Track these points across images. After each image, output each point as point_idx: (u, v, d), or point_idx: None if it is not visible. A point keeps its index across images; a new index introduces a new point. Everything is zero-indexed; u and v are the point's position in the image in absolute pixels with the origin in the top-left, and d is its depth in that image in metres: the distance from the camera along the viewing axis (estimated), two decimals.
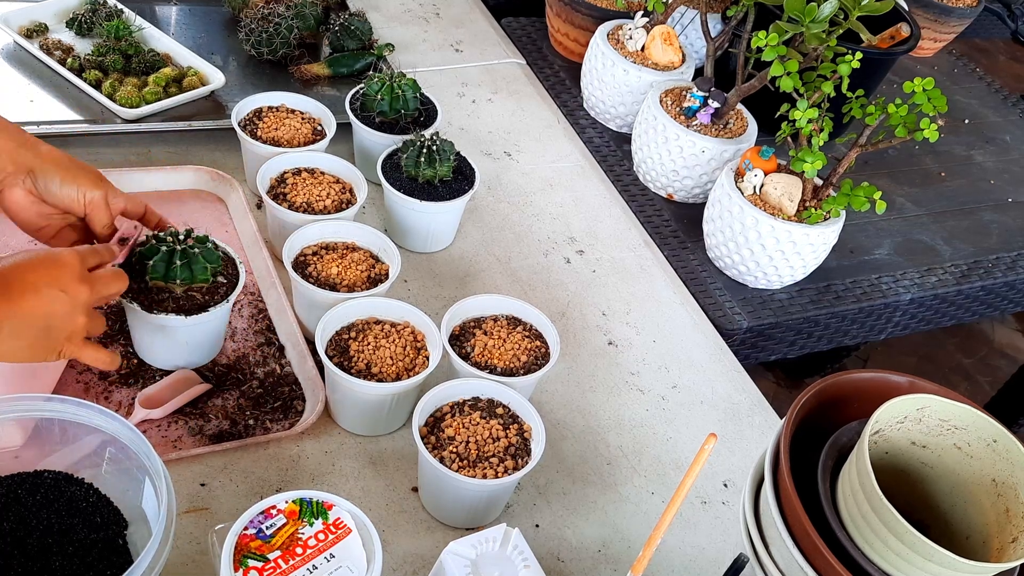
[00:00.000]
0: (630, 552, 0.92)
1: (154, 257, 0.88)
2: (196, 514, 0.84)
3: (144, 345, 0.95)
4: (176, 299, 0.90)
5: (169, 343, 0.93)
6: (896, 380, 0.71)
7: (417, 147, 1.12)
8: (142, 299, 0.89)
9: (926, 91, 1.11)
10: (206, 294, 0.92)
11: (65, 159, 0.86)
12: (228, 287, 0.93)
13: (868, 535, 0.61)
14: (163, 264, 0.88)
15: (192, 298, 0.90)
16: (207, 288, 0.92)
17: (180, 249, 0.89)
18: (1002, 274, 1.56)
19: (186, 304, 0.90)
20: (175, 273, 0.88)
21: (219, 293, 0.92)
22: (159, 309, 0.89)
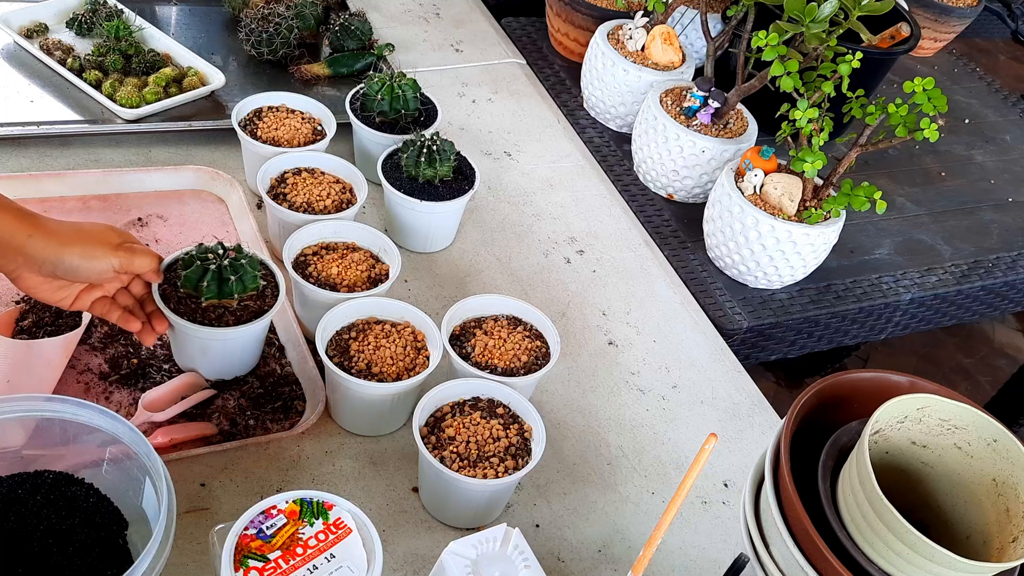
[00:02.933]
0: (630, 552, 0.92)
1: (205, 278, 0.89)
2: (196, 514, 0.84)
3: (203, 361, 0.95)
4: (233, 312, 0.91)
5: (228, 353, 0.95)
6: (896, 380, 0.71)
7: (417, 147, 1.12)
8: (200, 319, 0.90)
9: (926, 91, 1.11)
10: (257, 299, 0.93)
11: (73, 233, 0.82)
12: (270, 286, 0.95)
13: (868, 535, 0.61)
14: (215, 283, 0.90)
15: (246, 307, 0.92)
16: (256, 294, 0.94)
17: (227, 264, 0.90)
18: (1002, 274, 1.56)
19: (243, 314, 0.92)
20: (231, 288, 0.90)
21: (266, 295, 0.94)
22: (221, 324, 0.90)
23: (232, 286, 0.90)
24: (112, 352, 0.95)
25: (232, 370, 0.96)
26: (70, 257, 0.80)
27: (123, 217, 1.10)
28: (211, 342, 0.92)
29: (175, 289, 0.91)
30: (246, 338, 0.94)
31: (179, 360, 0.96)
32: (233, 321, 0.91)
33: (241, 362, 0.97)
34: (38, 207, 1.06)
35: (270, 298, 0.94)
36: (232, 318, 0.91)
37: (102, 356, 0.95)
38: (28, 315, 0.95)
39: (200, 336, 0.91)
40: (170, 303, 0.90)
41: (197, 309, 0.90)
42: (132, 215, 1.11)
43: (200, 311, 0.90)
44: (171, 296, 0.90)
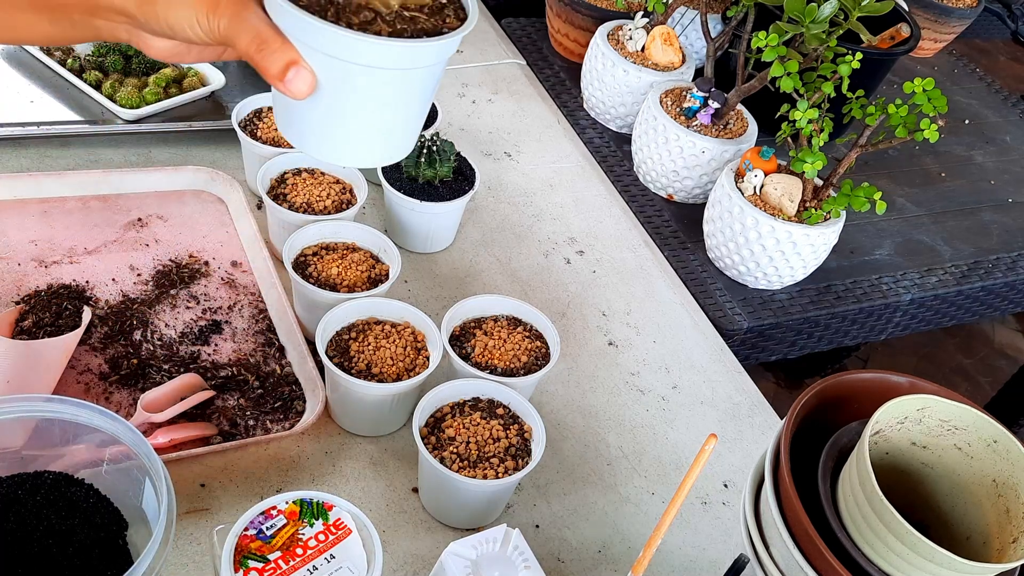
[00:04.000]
0: (630, 553, 0.92)
1: None
2: (196, 515, 0.84)
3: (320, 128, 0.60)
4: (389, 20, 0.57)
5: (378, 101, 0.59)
6: (896, 380, 0.71)
7: (417, 147, 1.12)
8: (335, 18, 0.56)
9: (926, 91, 1.11)
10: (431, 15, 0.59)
11: None
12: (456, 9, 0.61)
13: (868, 536, 0.61)
14: None
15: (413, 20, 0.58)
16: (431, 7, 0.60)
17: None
18: (1002, 274, 1.56)
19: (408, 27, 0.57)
20: None
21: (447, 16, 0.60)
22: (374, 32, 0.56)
23: None
24: (112, 352, 0.95)
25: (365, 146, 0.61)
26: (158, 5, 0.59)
27: (123, 217, 1.10)
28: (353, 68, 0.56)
29: None
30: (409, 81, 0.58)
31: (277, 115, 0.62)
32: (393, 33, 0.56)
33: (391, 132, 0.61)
34: (38, 207, 1.07)
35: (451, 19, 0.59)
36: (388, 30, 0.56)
37: (102, 356, 0.95)
38: (28, 315, 0.95)
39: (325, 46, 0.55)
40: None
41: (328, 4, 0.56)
42: (132, 215, 1.11)
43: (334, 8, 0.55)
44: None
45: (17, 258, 1.02)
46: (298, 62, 0.55)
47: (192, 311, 1.02)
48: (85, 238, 1.06)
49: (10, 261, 1.01)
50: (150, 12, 0.58)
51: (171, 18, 0.58)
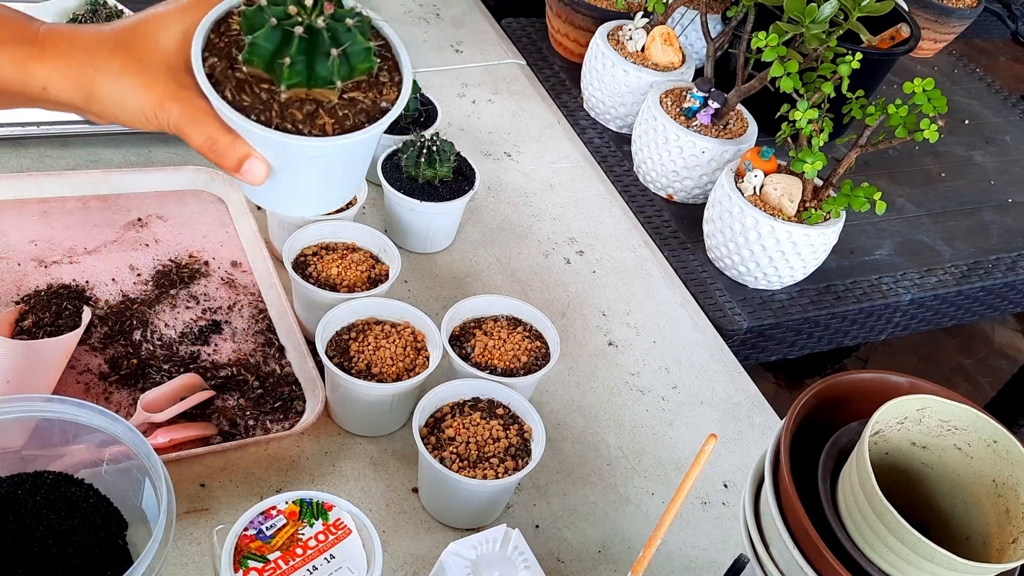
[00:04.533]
0: (630, 553, 0.92)
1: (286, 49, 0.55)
2: (196, 515, 0.84)
3: (271, 192, 0.62)
4: (331, 110, 0.57)
5: (319, 179, 0.62)
6: (896, 380, 0.71)
7: (417, 147, 1.12)
8: (280, 119, 0.56)
9: (926, 91, 1.11)
10: (368, 89, 0.59)
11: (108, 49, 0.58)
12: (388, 68, 0.61)
13: (868, 536, 0.61)
14: (303, 58, 0.55)
15: (353, 103, 0.58)
16: (368, 80, 0.59)
17: (323, 27, 0.55)
18: (1002, 275, 1.56)
19: (350, 114, 0.58)
20: (332, 69, 0.56)
21: (382, 81, 0.60)
22: (313, 129, 0.57)
23: (333, 65, 0.56)
24: (112, 352, 0.95)
25: (317, 203, 0.64)
26: (99, 98, 0.57)
27: (123, 217, 1.10)
28: (294, 158, 0.58)
29: (230, 66, 0.56)
30: (353, 155, 0.61)
31: (245, 187, 0.62)
32: (335, 127, 0.57)
33: (336, 193, 0.64)
34: (38, 207, 1.07)
35: (388, 87, 0.60)
36: (332, 121, 0.57)
37: (102, 356, 0.95)
38: (28, 315, 0.95)
39: (277, 148, 0.57)
40: (223, 90, 0.56)
41: (271, 101, 0.56)
42: (132, 215, 1.11)
43: (276, 106, 0.56)
44: (224, 79, 0.56)
45: (17, 258, 1.02)
46: (250, 155, 0.57)
47: (192, 311, 1.02)
48: (85, 238, 1.06)
49: (10, 261, 1.01)
50: (97, 109, 0.58)
51: (119, 114, 0.58)
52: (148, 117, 0.57)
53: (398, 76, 0.61)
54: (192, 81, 0.56)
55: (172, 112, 0.56)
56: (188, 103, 0.56)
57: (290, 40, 0.54)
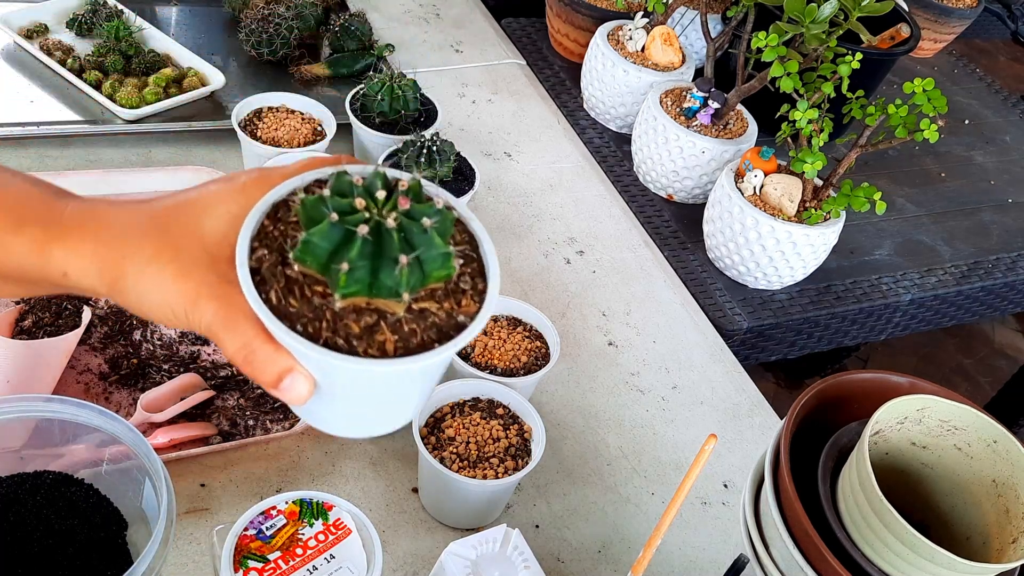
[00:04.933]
0: (630, 553, 0.92)
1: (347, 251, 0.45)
2: (196, 515, 0.84)
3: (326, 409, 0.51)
4: (395, 325, 0.46)
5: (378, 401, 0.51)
6: (896, 381, 0.71)
7: (417, 147, 1.12)
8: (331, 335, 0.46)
9: (926, 91, 1.10)
10: (444, 299, 0.48)
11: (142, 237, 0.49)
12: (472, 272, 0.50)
13: (868, 536, 0.61)
14: (365, 264, 0.45)
15: (423, 316, 0.47)
16: (444, 289, 0.49)
17: (393, 227, 0.45)
18: (1002, 275, 1.56)
19: (414, 332, 0.47)
20: (401, 279, 0.45)
21: (461, 290, 0.49)
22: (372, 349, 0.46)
23: (401, 276, 0.45)
24: (112, 352, 0.95)
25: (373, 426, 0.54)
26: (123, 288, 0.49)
27: None
28: (344, 380, 0.48)
29: (281, 259, 0.47)
30: (415, 378, 0.50)
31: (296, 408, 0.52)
32: (397, 345, 0.46)
33: (395, 418, 0.53)
34: None
35: (469, 299, 0.49)
36: (394, 338, 0.46)
37: (102, 356, 0.95)
38: (28, 315, 0.95)
39: (324, 369, 0.47)
40: (269, 292, 0.46)
41: (324, 309, 0.46)
42: None
43: (330, 315, 0.46)
44: (272, 277, 0.46)
45: None
46: (292, 370, 0.47)
47: None
48: None
49: None
50: (121, 299, 0.50)
51: (144, 307, 0.49)
52: (177, 314, 0.48)
53: (482, 283, 0.49)
54: (235, 276, 0.46)
55: (206, 312, 0.47)
56: (226, 301, 0.47)
57: (352, 241, 0.45)
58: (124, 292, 0.49)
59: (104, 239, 0.49)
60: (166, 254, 0.48)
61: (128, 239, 0.49)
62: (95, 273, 0.49)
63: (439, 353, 0.46)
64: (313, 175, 0.50)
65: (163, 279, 0.48)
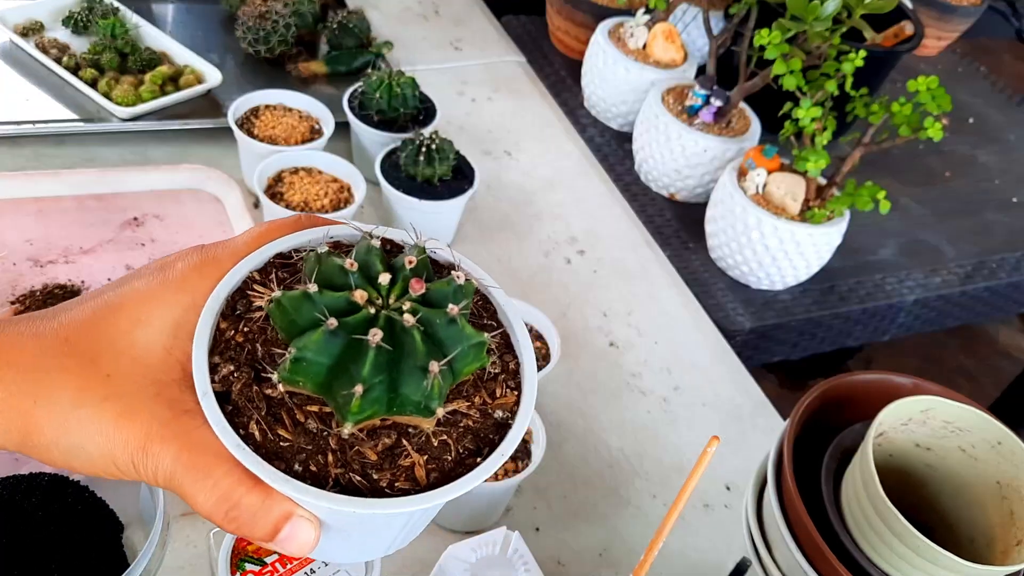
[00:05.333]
0: (631, 556, 0.91)
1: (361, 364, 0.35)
2: (192, 517, 0.83)
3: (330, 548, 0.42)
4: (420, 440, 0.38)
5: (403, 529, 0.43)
6: (900, 382, 0.70)
7: (416, 146, 1.11)
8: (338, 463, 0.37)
9: (930, 90, 1.10)
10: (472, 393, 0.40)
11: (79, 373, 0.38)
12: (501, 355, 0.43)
13: (872, 538, 0.61)
14: (383, 379, 0.36)
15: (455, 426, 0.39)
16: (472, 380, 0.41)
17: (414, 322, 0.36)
18: (1006, 275, 1.55)
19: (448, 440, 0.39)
20: (430, 393, 0.36)
21: (499, 384, 0.42)
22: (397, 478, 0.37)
23: (434, 386, 0.36)
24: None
25: (385, 551, 0.45)
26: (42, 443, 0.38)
27: (119, 216, 1.10)
28: (362, 521, 0.39)
29: (254, 375, 0.37)
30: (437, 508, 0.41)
31: None
32: (430, 468, 0.38)
33: (412, 535, 0.45)
34: (33, 206, 1.07)
35: (502, 384, 0.41)
36: (422, 459, 0.38)
37: None
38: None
39: (339, 513, 0.38)
40: (248, 419, 0.36)
41: (327, 439, 0.37)
42: (128, 214, 1.10)
43: (335, 442, 0.37)
44: (248, 398, 0.37)
45: (12, 258, 1.01)
46: (292, 515, 0.36)
47: None
48: (81, 237, 1.05)
49: (5, 261, 1.00)
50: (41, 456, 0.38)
51: (76, 463, 0.37)
52: (122, 466, 0.37)
53: (512, 360, 0.42)
54: (192, 401, 0.36)
55: (163, 458, 0.36)
56: (187, 440, 0.36)
57: (361, 353, 0.34)
58: (44, 448, 0.37)
59: (8, 380, 0.36)
60: (95, 390, 0.36)
61: (42, 377, 0.36)
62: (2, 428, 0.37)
63: (482, 473, 0.37)
64: (273, 249, 0.40)
65: (99, 425, 0.36)
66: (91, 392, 0.36)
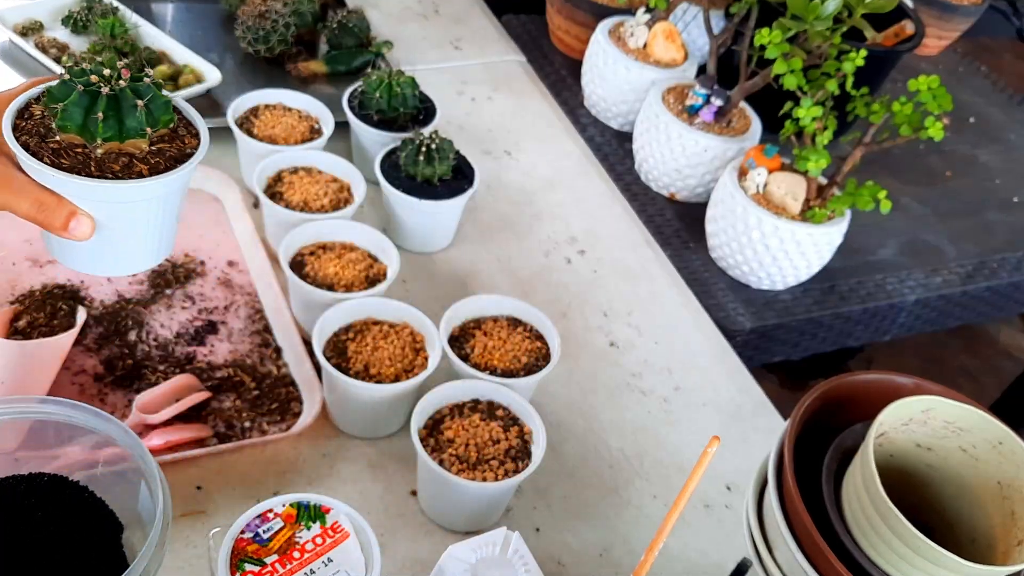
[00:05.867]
0: (632, 556, 0.91)
1: (95, 108, 0.62)
2: (192, 517, 0.83)
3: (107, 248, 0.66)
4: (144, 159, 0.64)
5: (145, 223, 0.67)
6: (901, 381, 0.70)
7: (416, 145, 1.11)
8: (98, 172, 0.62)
9: (931, 89, 1.10)
10: (170, 140, 0.66)
11: None
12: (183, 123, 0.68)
13: (873, 538, 0.61)
14: (115, 116, 0.63)
15: (162, 153, 0.65)
16: (169, 133, 0.66)
17: (125, 88, 0.63)
18: (1007, 275, 1.55)
19: (161, 162, 0.64)
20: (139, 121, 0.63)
21: (181, 135, 0.67)
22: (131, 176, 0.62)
23: (141, 117, 0.62)
24: (107, 353, 0.94)
25: (144, 254, 0.69)
26: None
27: None
28: (119, 207, 0.64)
29: (43, 137, 0.62)
30: (170, 193, 0.66)
31: (50, 246, 0.67)
32: (150, 171, 0.62)
33: (160, 239, 0.68)
34: None
35: (188, 137, 0.67)
36: (146, 167, 0.63)
37: (96, 357, 0.94)
38: (22, 315, 0.95)
39: (100, 198, 0.62)
40: (43, 158, 0.61)
41: (89, 159, 0.62)
42: None
43: (95, 162, 0.62)
44: (40, 149, 0.61)
45: (12, 257, 1.01)
46: (76, 212, 0.61)
47: (188, 311, 1.01)
48: None
49: (4, 260, 1.00)
50: None
51: None
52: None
53: (194, 129, 0.67)
54: (5, 161, 0.61)
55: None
56: (7, 178, 0.61)
57: (99, 100, 0.61)
58: None
59: None
60: None
61: None
62: None
63: (185, 168, 0.64)
64: (39, 89, 0.64)
65: None
66: None
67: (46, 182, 0.61)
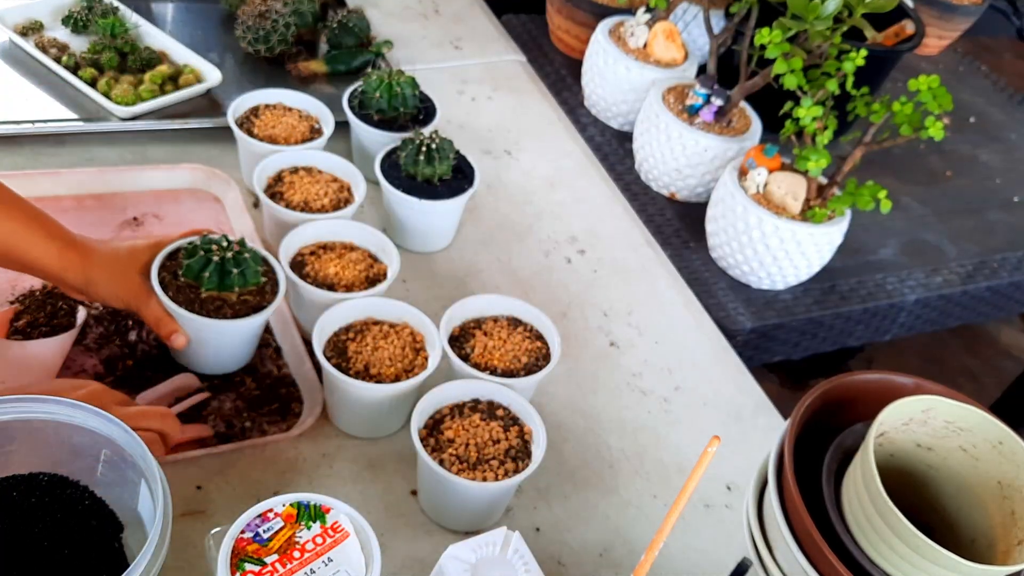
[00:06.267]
0: (632, 556, 0.91)
1: (207, 269, 0.90)
2: (192, 517, 0.83)
3: (197, 354, 0.95)
4: (232, 305, 0.91)
5: (223, 347, 0.95)
6: (901, 381, 0.70)
7: (416, 145, 1.11)
8: (198, 309, 0.90)
9: (931, 89, 1.10)
10: (256, 295, 0.93)
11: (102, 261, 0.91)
12: (270, 283, 0.95)
13: (873, 538, 0.61)
14: (217, 275, 0.90)
15: (245, 302, 0.92)
16: (256, 289, 0.93)
17: (230, 257, 0.90)
18: (1008, 275, 1.54)
19: (242, 308, 0.91)
20: (232, 282, 0.91)
21: (266, 291, 0.94)
22: (219, 316, 0.90)
23: (234, 279, 0.90)
24: (107, 353, 0.94)
25: (224, 365, 0.96)
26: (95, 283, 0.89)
27: (119, 216, 1.09)
28: (207, 333, 0.91)
29: (174, 277, 0.91)
30: (243, 332, 0.94)
31: (174, 352, 0.95)
32: (231, 314, 0.90)
33: (234, 357, 0.97)
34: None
35: (269, 294, 0.94)
36: (230, 311, 0.91)
37: (97, 357, 0.94)
38: (23, 315, 0.95)
39: (196, 326, 0.90)
40: (168, 291, 0.90)
41: (196, 299, 0.90)
42: (128, 214, 1.10)
43: (199, 301, 0.90)
44: (170, 284, 0.90)
45: None
46: (177, 330, 0.90)
47: None
48: None
49: None
50: (90, 293, 0.90)
51: (100, 298, 0.91)
52: (117, 303, 0.91)
53: (276, 287, 0.95)
54: (150, 285, 0.90)
55: (138, 305, 0.90)
56: (147, 296, 0.90)
57: (210, 262, 0.90)
58: (96, 291, 0.90)
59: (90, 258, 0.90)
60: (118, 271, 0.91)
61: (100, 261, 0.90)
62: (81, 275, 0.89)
63: (254, 319, 0.91)
64: (186, 240, 0.93)
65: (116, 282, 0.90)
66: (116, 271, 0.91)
67: (166, 305, 0.89)
